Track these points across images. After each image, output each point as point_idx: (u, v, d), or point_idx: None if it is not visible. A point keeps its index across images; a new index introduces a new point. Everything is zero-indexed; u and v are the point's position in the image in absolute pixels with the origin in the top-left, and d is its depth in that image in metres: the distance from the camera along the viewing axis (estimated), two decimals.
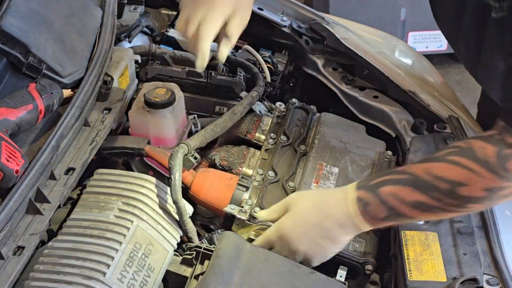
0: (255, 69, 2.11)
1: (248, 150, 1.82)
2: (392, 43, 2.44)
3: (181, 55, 2.08)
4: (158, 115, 1.77)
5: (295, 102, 1.96)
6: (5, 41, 1.59)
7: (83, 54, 1.77)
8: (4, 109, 1.48)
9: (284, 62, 2.26)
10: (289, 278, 1.42)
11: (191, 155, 1.66)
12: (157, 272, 1.45)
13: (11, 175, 1.40)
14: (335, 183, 1.71)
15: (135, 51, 2.03)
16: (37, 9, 1.70)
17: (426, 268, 1.43)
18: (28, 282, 1.32)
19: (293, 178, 1.72)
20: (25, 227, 1.38)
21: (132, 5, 2.18)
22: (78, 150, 1.59)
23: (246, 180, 1.69)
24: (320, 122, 1.90)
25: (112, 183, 1.55)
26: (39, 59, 1.63)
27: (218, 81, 2.05)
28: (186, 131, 1.90)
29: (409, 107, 1.99)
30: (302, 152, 1.80)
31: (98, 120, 1.68)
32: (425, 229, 1.53)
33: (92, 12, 1.89)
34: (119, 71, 1.84)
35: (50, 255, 1.38)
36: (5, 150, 1.40)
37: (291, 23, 2.26)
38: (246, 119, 1.92)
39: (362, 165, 1.78)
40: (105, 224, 1.44)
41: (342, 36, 2.15)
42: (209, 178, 1.69)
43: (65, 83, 1.68)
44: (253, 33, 2.33)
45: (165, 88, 1.80)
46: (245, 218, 1.61)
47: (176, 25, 1.64)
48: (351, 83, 2.11)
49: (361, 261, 1.58)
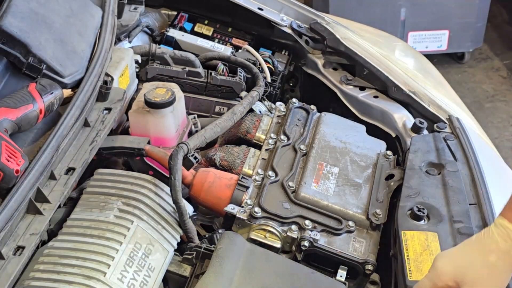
0: (255, 69, 2.11)
1: (248, 150, 1.82)
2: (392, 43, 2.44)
3: (181, 55, 2.08)
4: (158, 115, 1.77)
5: (295, 102, 1.96)
6: (5, 41, 1.59)
7: (83, 54, 1.77)
8: (4, 109, 1.48)
9: (284, 62, 2.27)
10: (289, 278, 1.42)
11: (191, 155, 1.66)
12: (157, 272, 1.45)
13: (11, 175, 1.40)
14: (335, 183, 1.71)
15: (135, 51, 2.03)
16: (37, 9, 1.70)
17: (426, 268, 1.43)
18: (28, 282, 1.32)
19: (293, 178, 1.72)
20: (25, 227, 1.38)
21: (132, 5, 2.18)
22: (78, 150, 1.59)
23: (246, 180, 1.69)
24: (320, 122, 1.90)
25: (112, 183, 1.55)
26: (39, 59, 1.63)
27: (218, 81, 2.05)
28: (186, 131, 1.90)
29: (409, 107, 2.00)
30: (302, 152, 1.80)
31: (98, 120, 1.68)
32: (425, 229, 1.53)
33: (92, 12, 1.89)
34: (119, 71, 1.84)
35: (50, 255, 1.38)
36: (5, 150, 1.40)
37: (291, 23, 2.27)
38: (246, 119, 1.92)
39: (362, 165, 1.78)
40: (105, 224, 1.44)
41: (342, 36, 2.16)
42: (209, 178, 1.69)
43: (65, 83, 1.68)
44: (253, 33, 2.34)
45: (165, 88, 1.80)
46: (245, 218, 1.61)
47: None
48: (351, 83, 2.11)
49: (361, 261, 1.58)
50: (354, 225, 1.64)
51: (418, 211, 1.56)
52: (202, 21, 2.36)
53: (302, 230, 1.61)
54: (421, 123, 1.88)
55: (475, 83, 4.23)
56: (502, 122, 3.94)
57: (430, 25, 4.12)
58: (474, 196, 1.65)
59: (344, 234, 1.63)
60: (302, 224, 1.61)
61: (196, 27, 2.33)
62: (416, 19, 4.08)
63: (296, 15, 2.30)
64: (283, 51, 2.31)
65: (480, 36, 4.23)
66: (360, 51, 2.11)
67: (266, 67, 2.15)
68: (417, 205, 1.57)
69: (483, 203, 1.62)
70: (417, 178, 1.68)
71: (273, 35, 2.30)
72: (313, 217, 1.63)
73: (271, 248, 1.57)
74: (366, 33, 2.34)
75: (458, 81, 4.21)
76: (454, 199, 1.61)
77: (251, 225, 1.61)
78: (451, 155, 1.77)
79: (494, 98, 4.11)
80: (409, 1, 4.02)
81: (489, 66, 4.36)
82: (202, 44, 2.24)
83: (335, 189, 1.70)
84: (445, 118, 1.91)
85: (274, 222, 1.61)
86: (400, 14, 4.05)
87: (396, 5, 4.02)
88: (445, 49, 4.21)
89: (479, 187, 1.67)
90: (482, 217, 1.57)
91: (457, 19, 4.11)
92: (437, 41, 4.17)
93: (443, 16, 4.09)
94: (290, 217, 1.62)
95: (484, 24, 4.20)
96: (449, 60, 4.35)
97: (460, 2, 4.06)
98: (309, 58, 2.24)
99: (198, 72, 2.05)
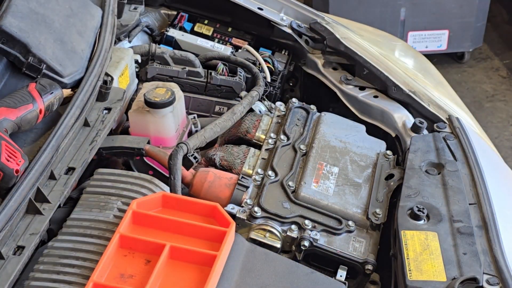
0: (255, 69, 2.11)
1: (248, 149, 1.82)
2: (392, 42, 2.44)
3: (181, 55, 2.08)
4: (158, 115, 1.77)
5: (295, 101, 1.96)
6: (5, 40, 1.59)
7: (83, 54, 1.77)
8: (4, 109, 1.48)
9: (284, 62, 2.27)
10: (289, 278, 1.42)
11: (190, 155, 1.66)
12: None
13: (11, 175, 1.40)
14: (335, 183, 1.71)
15: (135, 51, 2.03)
16: (37, 9, 1.70)
17: (426, 268, 1.43)
18: (28, 282, 1.32)
19: (293, 178, 1.72)
20: (25, 227, 1.39)
21: (132, 5, 2.18)
22: (78, 150, 1.59)
23: (246, 180, 1.69)
24: (320, 122, 1.90)
25: (112, 183, 1.55)
26: (39, 59, 1.63)
27: (218, 81, 2.05)
28: (186, 131, 1.90)
29: (409, 107, 2.00)
30: (302, 152, 1.80)
31: (98, 120, 1.68)
32: (425, 229, 1.53)
33: (92, 12, 1.89)
34: (119, 71, 1.85)
35: (50, 255, 1.38)
36: (5, 150, 1.40)
37: (291, 23, 2.27)
38: (246, 119, 1.92)
39: (362, 165, 1.79)
40: (105, 224, 1.44)
41: (342, 36, 2.16)
42: (209, 178, 1.69)
43: (65, 82, 1.68)
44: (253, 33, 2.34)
45: (165, 88, 1.80)
46: (245, 218, 1.61)
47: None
48: (351, 83, 2.11)
49: (361, 261, 1.58)
50: (354, 225, 1.64)
51: (418, 211, 1.56)
52: (202, 21, 2.36)
53: (302, 230, 1.61)
54: (421, 123, 1.88)
55: (474, 83, 4.23)
56: (501, 122, 3.94)
57: (430, 25, 4.12)
58: (473, 195, 1.65)
59: (344, 234, 1.63)
60: (302, 224, 1.61)
61: (196, 27, 2.33)
62: (416, 19, 4.08)
63: (296, 15, 2.30)
64: (283, 51, 2.31)
65: (480, 36, 4.23)
66: (360, 51, 2.11)
67: (266, 67, 2.15)
68: (417, 205, 1.57)
69: (483, 202, 1.62)
70: (417, 178, 1.68)
71: (273, 35, 2.31)
72: (313, 217, 1.63)
73: (271, 248, 1.57)
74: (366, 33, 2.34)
75: (458, 81, 4.21)
76: (454, 199, 1.62)
77: (251, 225, 1.61)
78: (451, 155, 1.77)
79: (494, 98, 4.11)
80: (409, 1, 4.02)
81: (489, 66, 4.36)
82: (202, 44, 2.24)
83: (335, 189, 1.70)
84: (445, 118, 1.91)
85: (274, 222, 1.61)
86: (400, 14, 4.05)
87: (396, 5, 4.03)
88: (445, 49, 4.21)
89: (478, 186, 1.67)
90: (482, 217, 1.57)
91: (457, 19, 4.11)
92: (437, 41, 4.17)
93: (443, 16, 4.09)
94: (290, 217, 1.62)
95: (484, 24, 4.20)
96: (449, 60, 4.35)
97: (460, 2, 4.06)
98: (309, 58, 2.24)
99: (198, 72, 2.05)
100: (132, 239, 1.38)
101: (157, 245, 1.36)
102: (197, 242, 1.40)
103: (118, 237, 1.37)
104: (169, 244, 1.36)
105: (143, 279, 1.31)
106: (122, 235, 1.38)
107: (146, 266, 1.35)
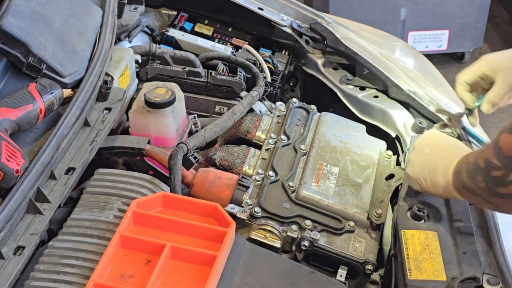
0: (255, 69, 2.11)
1: (248, 149, 1.82)
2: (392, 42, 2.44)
3: (181, 55, 2.08)
4: (158, 115, 1.77)
5: (295, 102, 1.96)
6: (5, 41, 1.59)
7: (83, 54, 1.77)
8: (4, 109, 1.48)
9: (284, 62, 2.27)
10: (289, 278, 1.42)
11: (191, 155, 1.66)
12: None
13: (11, 175, 1.40)
14: (335, 183, 1.71)
15: (135, 51, 2.03)
16: (37, 9, 1.70)
17: (426, 267, 1.43)
18: (28, 282, 1.33)
19: (293, 178, 1.72)
20: (25, 227, 1.39)
21: (132, 5, 2.18)
22: (78, 150, 1.59)
23: (246, 180, 1.69)
24: (320, 122, 1.90)
25: (112, 183, 1.55)
26: (39, 59, 1.63)
27: (218, 81, 2.05)
28: (186, 131, 1.90)
29: (409, 107, 2.00)
30: (302, 152, 1.80)
31: (98, 120, 1.68)
32: (425, 229, 1.53)
33: (92, 12, 1.89)
34: (119, 71, 1.85)
35: (50, 255, 1.38)
36: (5, 150, 1.40)
37: (291, 23, 2.27)
38: (246, 119, 1.92)
39: (362, 165, 1.78)
40: (105, 224, 1.44)
41: (342, 36, 2.16)
42: (209, 178, 1.69)
43: (66, 83, 1.68)
44: (253, 33, 2.34)
45: (165, 88, 1.80)
46: (245, 218, 1.61)
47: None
48: (351, 83, 2.11)
49: (361, 261, 1.58)
50: (354, 225, 1.64)
51: (418, 210, 1.56)
52: (202, 21, 2.36)
53: (302, 230, 1.61)
54: (421, 123, 1.88)
55: None
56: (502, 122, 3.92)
57: (430, 25, 4.12)
58: None
59: (344, 234, 1.63)
60: (302, 224, 1.61)
61: (196, 27, 2.34)
62: (416, 19, 4.08)
63: (296, 15, 2.30)
64: (283, 51, 2.31)
65: (480, 36, 4.23)
66: (360, 51, 2.11)
67: (266, 67, 2.15)
68: (417, 205, 1.57)
69: None
70: None
71: (273, 35, 2.31)
72: (313, 217, 1.63)
73: (271, 248, 1.57)
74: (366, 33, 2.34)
75: None
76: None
77: (251, 225, 1.61)
78: None
79: None
80: (409, 1, 4.03)
81: None
82: (202, 44, 2.24)
83: (335, 189, 1.70)
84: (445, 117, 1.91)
85: (274, 222, 1.61)
86: (400, 14, 4.05)
87: (396, 5, 4.03)
88: (445, 49, 4.21)
89: None
90: (482, 216, 1.57)
91: (457, 19, 4.11)
92: (437, 41, 4.17)
93: (443, 16, 4.09)
94: (290, 217, 1.62)
95: (484, 24, 4.20)
96: (449, 60, 4.34)
97: (460, 2, 4.06)
98: (309, 58, 2.24)
99: (198, 72, 2.05)
100: (132, 239, 1.38)
101: (158, 245, 1.37)
102: (197, 242, 1.41)
103: (119, 237, 1.37)
104: (169, 244, 1.36)
105: (144, 279, 1.31)
106: (123, 235, 1.38)
107: (146, 266, 1.35)
